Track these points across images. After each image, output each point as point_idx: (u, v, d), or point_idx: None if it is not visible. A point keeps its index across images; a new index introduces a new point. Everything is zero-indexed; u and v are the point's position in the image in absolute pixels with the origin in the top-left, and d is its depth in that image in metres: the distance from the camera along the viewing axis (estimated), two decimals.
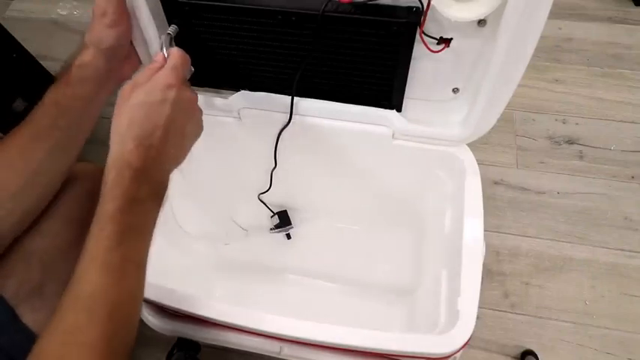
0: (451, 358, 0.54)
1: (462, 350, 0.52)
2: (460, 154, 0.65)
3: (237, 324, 0.53)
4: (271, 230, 0.91)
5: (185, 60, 0.51)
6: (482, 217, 0.59)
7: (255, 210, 0.89)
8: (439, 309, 0.61)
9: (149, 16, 0.56)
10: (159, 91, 0.46)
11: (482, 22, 0.52)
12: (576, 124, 1.15)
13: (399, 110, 0.64)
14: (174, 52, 0.51)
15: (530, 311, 0.92)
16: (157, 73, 0.48)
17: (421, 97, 0.63)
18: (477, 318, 0.52)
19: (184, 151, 0.51)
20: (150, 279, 0.56)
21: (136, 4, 0.55)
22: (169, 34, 0.55)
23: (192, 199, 0.77)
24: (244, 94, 0.67)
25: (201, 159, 0.78)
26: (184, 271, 0.76)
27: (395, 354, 0.55)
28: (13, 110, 1.02)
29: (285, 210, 0.92)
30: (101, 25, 0.53)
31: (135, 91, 0.46)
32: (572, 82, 1.21)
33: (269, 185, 0.77)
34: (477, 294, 0.54)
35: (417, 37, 0.53)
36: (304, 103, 0.65)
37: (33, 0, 1.53)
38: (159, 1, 0.56)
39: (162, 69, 0.48)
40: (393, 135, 0.66)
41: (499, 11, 0.47)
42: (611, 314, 0.91)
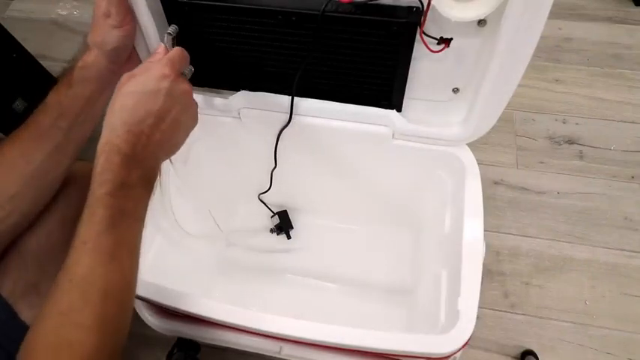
0: (451, 358, 0.54)
1: (462, 350, 0.52)
2: (460, 154, 0.65)
3: (237, 323, 0.53)
4: (271, 231, 0.91)
5: (183, 55, 0.51)
6: (482, 217, 0.59)
7: (256, 210, 0.89)
8: (439, 309, 0.61)
9: (149, 16, 0.56)
10: (153, 81, 0.46)
11: (482, 22, 0.52)
12: (576, 124, 1.15)
13: (399, 110, 0.64)
14: (174, 49, 0.51)
15: (530, 311, 0.92)
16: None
17: (421, 97, 0.63)
18: (477, 318, 0.52)
19: (178, 142, 0.50)
20: (150, 279, 0.56)
21: (136, 4, 0.54)
22: (170, 33, 0.55)
23: (193, 199, 0.77)
24: (244, 94, 0.67)
25: (202, 159, 0.78)
26: (184, 271, 0.76)
27: (395, 354, 0.55)
28: (13, 110, 1.02)
29: (285, 210, 0.92)
30: (105, 27, 0.53)
31: (130, 81, 0.46)
32: (572, 82, 1.21)
33: (269, 185, 0.77)
34: (477, 294, 0.54)
35: (417, 37, 0.53)
36: (304, 103, 0.65)
37: (33, 0, 1.53)
38: (159, 1, 0.56)
39: (158, 61, 0.48)
40: (393, 135, 0.66)
41: (499, 11, 0.47)
42: (611, 314, 0.91)
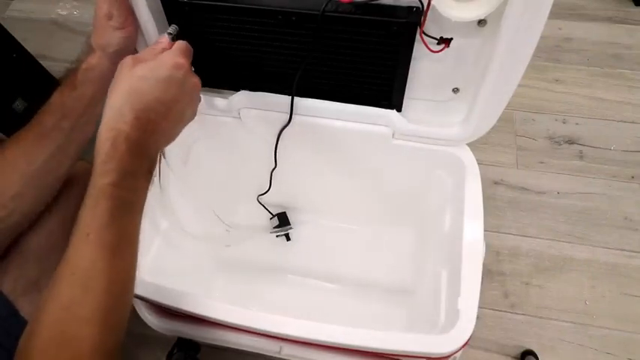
0: (451, 357, 0.54)
1: (462, 350, 0.52)
2: (460, 153, 0.65)
3: (237, 323, 0.53)
4: (271, 232, 0.91)
5: (190, 47, 0.51)
6: (482, 217, 0.59)
7: (256, 210, 0.89)
8: (439, 309, 0.61)
9: (149, 16, 0.56)
10: (166, 69, 0.46)
11: (482, 22, 0.52)
12: (576, 124, 1.15)
13: (399, 110, 0.64)
14: (180, 41, 0.51)
15: (530, 311, 0.92)
16: (162, 52, 0.48)
17: (421, 96, 0.63)
18: (477, 318, 0.52)
19: (176, 133, 0.50)
20: (150, 279, 0.56)
21: (136, 4, 0.55)
22: (170, 33, 0.55)
23: (193, 199, 0.77)
24: (244, 93, 0.67)
25: (202, 159, 0.78)
26: (184, 272, 0.76)
27: (395, 354, 0.55)
28: (13, 110, 1.02)
29: (285, 212, 0.92)
30: (108, 28, 0.53)
31: (139, 65, 0.45)
32: (572, 82, 1.21)
33: (269, 185, 0.77)
34: (477, 293, 0.53)
35: (417, 37, 0.53)
36: (304, 102, 0.65)
37: (33, 0, 1.53)
38: (159, 1, 0.56)
39: (170, 50, 0.48)
40: (393, 135, 0.66)
41: (499, 11, 0.47)
42: (611, 314, 0.91)
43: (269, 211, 0.89)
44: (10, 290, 0.52)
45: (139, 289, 0.55)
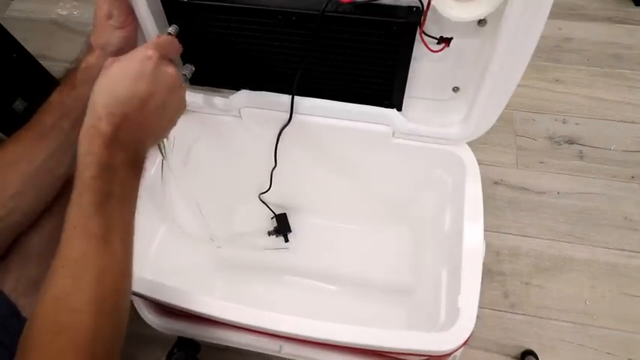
0: (451, 356, 0.54)
1: (462, 349, 0.52)
2: (460, 153, 0.65)
3: (237, 321, 0.53)
4: (269, 234, 0.91)
5: (170, 40, 0.51)
6: (482, 216, 0.59)
7: (256, 210, 0.89)
8: (439, 308, 0.61)
9: (149, 16, 0.56)
10: (136, 63, 0.45)
11: (482, 22, 0.52)
12: (576, 124, 1.15)
13: (399, 109, 0.64)
14: (160, 36, 0.51)
15: (530, 311, 0.92)
16: None
17: (421, 96, 0.63)
18: (477, 318, 0.52)
19: (164, 126, 0.50)
20: (150, 277, 0.56)
21: (137, 4, 0.55)
22: (170, 33, 0.55)
23: (193, 198, 0.77)
24: (245, 93, 0.67)
25: (202, 159, 0.78)
26: (184, 272, 0.76)
27: (395, 351, 0.55)
28: (13, 110, 1.02)
29: (285, 213, 0.91)
30: (108, 28, 0.53)
31: (114, 63, 0.46)
32: (572, 82, 1.22)
33: (269, 185, 0.77)
34: (477, 292, 0.53)
35: (417, 36, 0.53)
36: (305, 102, 0.65)
37: (33, 0, 1.53)
38: (159, 1, 0.56)
39: (144, 45, 0.48)
40: (393, 134, 0.66)
41: (499, 11, 0.47)
42: (611, 314, 0.91)
43: (271, 210, 0.89)
44: (12, 290, 0.52)
45: (139, 287, 0.55)
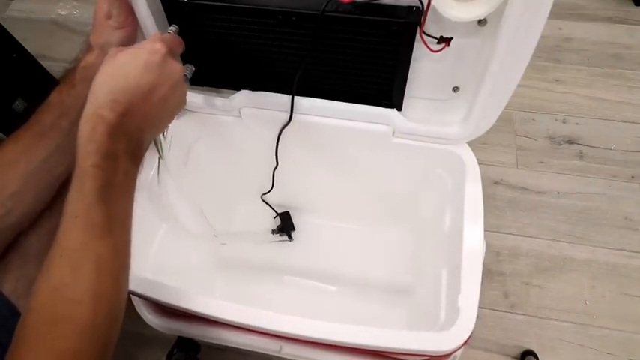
0: (451, 356, 0.54)
1: (462, 349, 0.52)
2: (460, 152, 0.66)
3: (237, 321, 0.53)
4: (273, 232, 0.91)
5: (175, 38, 0.51)
6: (482, 215, 0.59)
7: (256, 210, 0.89)
8: (439, 308, 0.61)
9: (149, 16, 0.56)
10: (143, 54, 0.46)
11: (482, 22, 0.52)
12: (576, 124, 1.15)
13: (399, 109, 0.64)
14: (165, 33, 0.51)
15: (530, 311, 0.92)
16: None
17: (421, 95, 0.63)
18: (477, 318, 0.52)
19: (164, 120, 0.50)
20: (150, 277, 0.56)
21: (137, 4, 0.55)
22: (170, 33, 0.55)
23: (193, 198, 0.77)
24: (245, 93, 0.67)
25: (202, 159, 0.78)
26: (184, 271, 0.76)
27: (395, 351, 0.55)
28: (13, 110, 1.02)
29: (288, 211, 0.91)
30: (107, 28, 0.53)
31: (119, 53, 0.46)
32: (572, 82, 1.22)
33: (271, 185, 0.77)
34: (478, 291, 0.53)
35: (417, 36, 0.53)
36: (305, 101, 0.65)
37: (33, 0, 1.53)
38: (159, 1, 0.56)
39: (150, 38, 0.48)
40: (393, 133, 0.66)
41: (499, 11, 0.47)
42: (611, 314, 0.91)
43: (274, 210, 0.89)
44: (11, 290, 0.52)
45: (139, 287, 0.55)
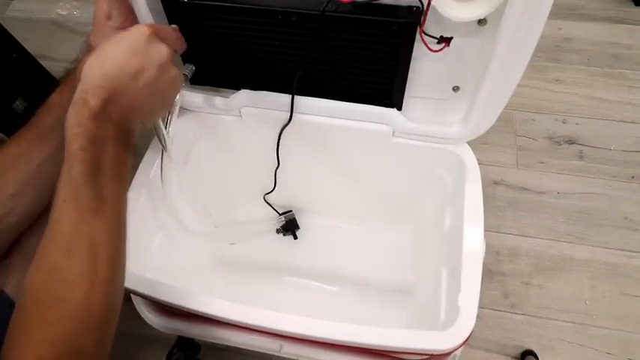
0: (451, 355, 0.54)
1: (462, 348, 0.52)
2: (460, 152, 0.65)
3: (237, 320, 0.53)
4: (277, 231, 0.91)
5: (168, 26, 0.51)
6: (483, 215, 0.59)
7: (257, 210, 0.89)
8: (439, 307, 0.61)
9: (149, 17, 0.56)
10: (128, 37, 0.45)
11: (482, 22, 0.52)
12: (576, 124, 1.15)
13: (399, 109, 0.64)
14: None
15: (530, 311, 0.92)
16: None
17: (421, 95, 0.63)
18: (477, 318, 0.52)
19: (155, 106, 0.49)
20: (150, 276, 0.56)
21: (136, 4, 0.55)
22: None
23: (194, 198, 0.77)
24: (245, 92, 0.67)
25: (203, 158, 0.78)
26: (184, 271, 0.76)
27: (395, 350, 0.55)
28: (13, 110, 1.02)
29: (291, 210, 0.91)
30: (107, 28, 0.53)
31: (107, 39, 0.46)
32: (572, 82, 1.22)
33: (273, 185, 0.77)
34: (478, 290, 0.53)
35: (417, 36, 0.53)
36: (305, 101, 0.65)
37: (33, 0, 1.53)
38: (159, 1, 0.56)
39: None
40: (393, 133, 0.66)
41: (499, 11, 0.47)
42: (612, 314, 0.91)
43: (276, 211, 0.89)
44: (13, 290, 0.52)
45: (139, 286, 0.55)
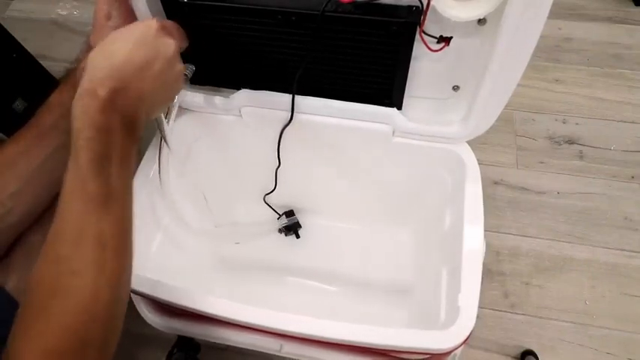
0: (451, 355, 0.54)
1: (461, 347, 0.52)
2: (460, 152, 0.66)
3: (237, 319, 0.53)
4: (280, 231, 0.91)
5: (174, 24, 0.51)
6: (483, 214, 0.59)
7: (257, 210, 0.88)
8: (439, 307, 0.61)
9: (149, 17, 0.56)
10: (136, 30, 0.46)
11: (482, 21, 0.52)
12: (576, 124, 1.15)
13: (399, 108, 0.64)
14: None
15: (530, 311, 0.92)
16: None
17: (422, 94, 0.63)
18: (477, 318, 0.52)
19: (158, 100, 0.49)
20: (150, 276, 0.56)
21: (137, 4, 0.55)
22: None
23: (194, 198, 0.77)
24: (245, 92, 0.67)
25: (203, 158, 0.78)
26: (184, 271, 0.76)
27: (395, 350, 0.55)
28: (13, 110, 1.02)
29: (292, 210, 0.91)
30: (107, 29, 0.53)
31: (114, 31, 0.46)
32: (572, 82, 1.22)
33: (274, 185, 0.77)
34: (478, 291, 0.54)
35: (417, 36, 0.53)
36: (305, 101, 0.65)
37: (33, 0, 1.53)
38: (159, 2, 0.57)
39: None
40: (393, 133, 0.66)
41: (499, 11, 0.47)
42: (611, 314, 0.91)
43: (276, 212, 0.89)
44: (15, 288, 0.52)
45: (139, 285, 0.55)
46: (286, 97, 0.64)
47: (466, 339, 0.51)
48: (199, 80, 0.67)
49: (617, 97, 1.18)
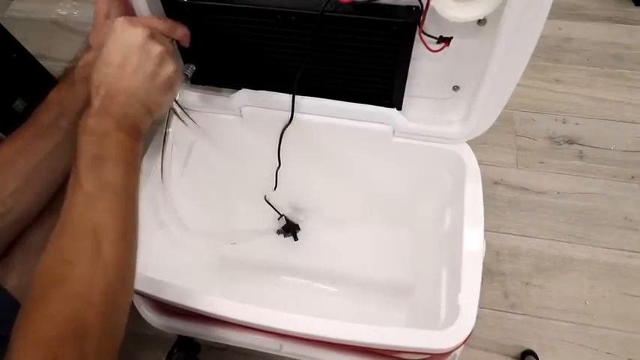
0: (451, 355, 0.54)
1: (461, 347, 0.52)
2: (460, 151, 0.66)
3: (237, 319, 0.53)
4: (278, 232, 0.91)
5: (166, 20, 0.52)
6: (483, 215, 0.59)
7: (257, 210, 0.88)
8: (439, 307, 0.61)
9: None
10: (117, 32, 0.47)
11: (482, 21, 0.52)
12: (576, 124, 1.15)
13: (399, 108, 0.64)
14: None
15: (530, 311, 0.92)
16: None
17: (421, 95, 0.63)
18: (477, 318, 0.52)
19: (155, 93, 0.50)
20: (150, 276, 0.56)
21: (137, 4, 0.55)
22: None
23: (194, 198, 0.77)
24: (245, 92, 0.67)
25: (203, 158, 0.78)
26: (184, 272, 0.76)
27: (395, 349, 0.55)
28: (13, 110, 1.02)
29: (292, 211, 0.91)
30: (106, 28, 0.53)
31: (106, 41, 0.48)
32: (572, 82, 1.22)
33: (275, 185, 0.77)
34: (478, 290, 0.54)
35: (417, 36, 0.53)
36: (305, 101, 0.65)
37: (33, 0, 1.53)
38: (159, 2, 0.57)
39: None
40: (393, 133, 0.66)
41: (499, 11, 0.47)
42: (611, 314, 0.91)
43: (277, 211, 0.89)
44: (15, 287, 0.52)
45: (139, 285, 0.55)
46: (286, 97, 0.64)
47: (466, 339, 0.51)
48: (200, 80, 0.67)
49: (617, 97, 1.18)
